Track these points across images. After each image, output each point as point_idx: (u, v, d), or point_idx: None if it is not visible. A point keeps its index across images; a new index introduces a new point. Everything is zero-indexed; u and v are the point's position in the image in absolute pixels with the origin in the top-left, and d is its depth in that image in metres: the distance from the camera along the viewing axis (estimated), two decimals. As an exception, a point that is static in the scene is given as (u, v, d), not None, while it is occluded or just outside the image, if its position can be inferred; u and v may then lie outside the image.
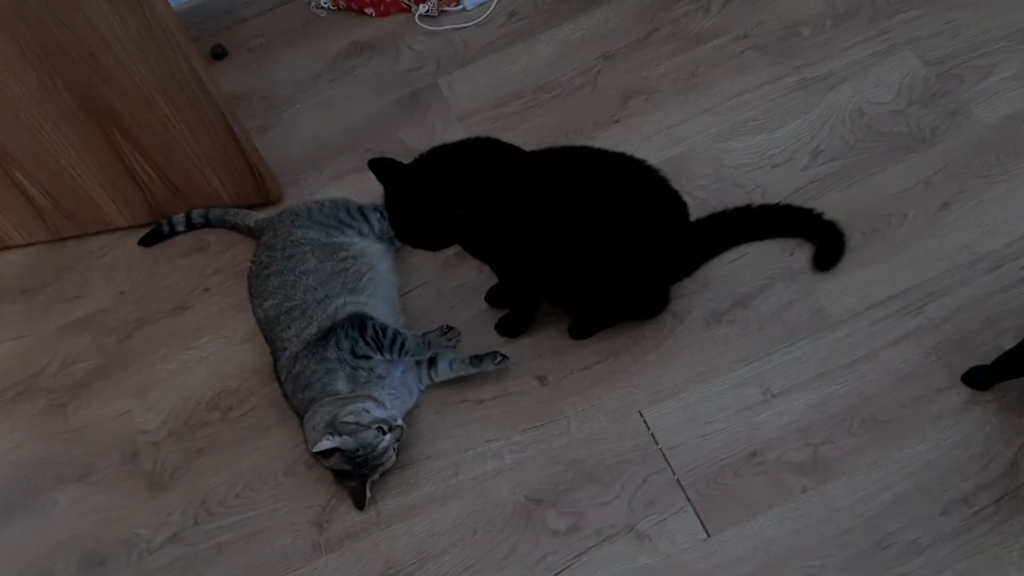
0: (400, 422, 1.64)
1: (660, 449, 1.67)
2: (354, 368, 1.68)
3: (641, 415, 1.71)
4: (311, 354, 1.70)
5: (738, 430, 1.66)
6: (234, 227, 2.10)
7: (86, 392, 1.97)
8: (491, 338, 1.85)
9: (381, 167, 1.47)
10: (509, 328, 1.84)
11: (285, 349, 1.76)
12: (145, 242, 2.14)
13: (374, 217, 1.90)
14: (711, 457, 1.65)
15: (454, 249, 1.58)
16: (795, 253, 1.83)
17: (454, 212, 1.45)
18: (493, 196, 1.48)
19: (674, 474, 1.65)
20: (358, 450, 1.60)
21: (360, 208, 1.91)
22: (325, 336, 1.70)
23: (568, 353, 1.81)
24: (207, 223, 2.13)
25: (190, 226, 2.14)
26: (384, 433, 1.61)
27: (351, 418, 1.62)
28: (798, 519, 1.57)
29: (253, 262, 1.90)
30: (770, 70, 2.10)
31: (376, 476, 1.66)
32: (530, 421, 1.75)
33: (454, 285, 1.94)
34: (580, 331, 1.82)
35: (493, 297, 1.87)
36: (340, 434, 1.61)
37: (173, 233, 2.15)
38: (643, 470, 1.66)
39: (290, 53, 2.43)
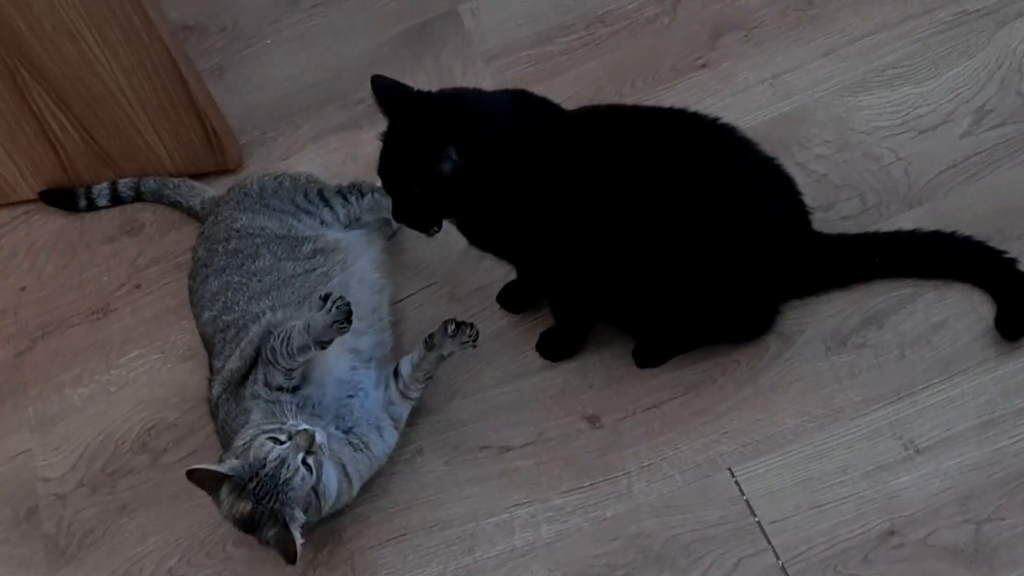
0: (304, 427, 1.63)
1: (758, 522, 1.66)
2: (271, 402, 1.68)
3: (732, 474, 1.70)
4: (231, 396, 1.72)
5: (869, 499, 1.64)
6: (174, 204, 2.12)
7: (-31, 424, 1.99)
8: (531, 360, 1.84)
9: (386, 90, 1.56)
10: (552, 347, 1.84)
11: (212, 386, 1.77)
12: (50, 199, 2.14)
13: (337, 202, 1.93)
14: (830, 536, 1.63)
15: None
16: (951, 252, 1.83)
17: (447, 156, 1.48)
18: (526, 152, 1.53)
19: (778, 559, 1.62)
20: (251, 473, 1.58)
21: (321, 192, 1.94)
22: (249, 370, 1.72)
23: (631, 384, 1.80)
24: (138, 196, 2.15)
25: (115, 199, 2.15)
26: (279, 443, 1.60)
27: (239, 442, 1.63)
28: (953, 626, 1.56)
29: (193, 257, 1.92)
30: (918, -1, 2.11)
31: (297, 513, 1.61)
32: (576, 478, 1.74)
33: (473, 287, 1.94)
34: (649, 356, 1.80)
35: (508, 298, 1.89)
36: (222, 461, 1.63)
37: (92, 207, 2.16)
38: (734, 551, 1.64)
39: (259, -32, 2.47)
